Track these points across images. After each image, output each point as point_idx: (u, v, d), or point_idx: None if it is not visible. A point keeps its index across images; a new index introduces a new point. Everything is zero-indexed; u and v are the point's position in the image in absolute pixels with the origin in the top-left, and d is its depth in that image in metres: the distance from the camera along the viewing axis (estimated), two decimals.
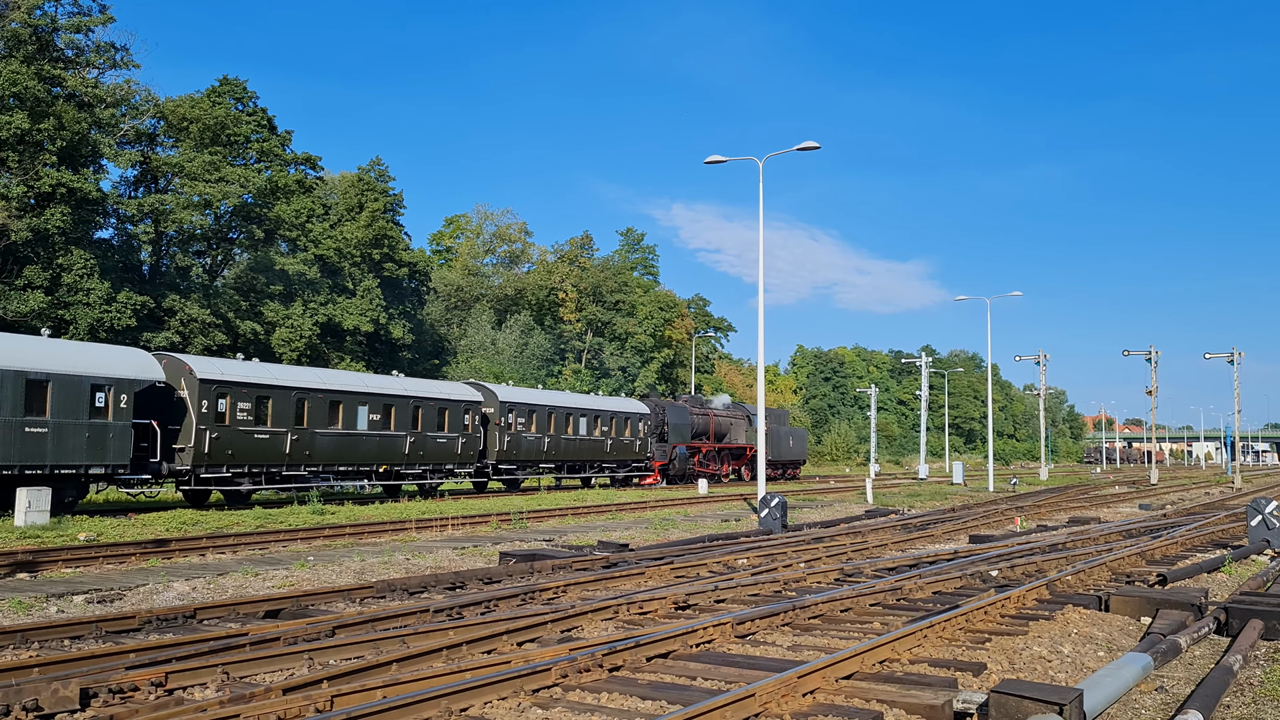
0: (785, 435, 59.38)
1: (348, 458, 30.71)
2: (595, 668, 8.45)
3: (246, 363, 29.68)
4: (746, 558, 17.16)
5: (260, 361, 31.88)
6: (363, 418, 31.01)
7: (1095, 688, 7.71)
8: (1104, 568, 15.17)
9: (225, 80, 54.22)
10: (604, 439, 42.98)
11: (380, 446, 31.67)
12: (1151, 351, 70.54)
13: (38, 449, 22.47)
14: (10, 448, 21.81)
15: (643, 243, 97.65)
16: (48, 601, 12.48)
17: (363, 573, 15.75)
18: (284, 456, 28.52)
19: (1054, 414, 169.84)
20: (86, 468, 23.58)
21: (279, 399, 28.43)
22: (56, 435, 22.85)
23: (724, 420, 54.21)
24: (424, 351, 66.13)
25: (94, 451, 23.64)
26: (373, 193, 63.37)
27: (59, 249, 41.98)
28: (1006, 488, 53.37)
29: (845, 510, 33.05)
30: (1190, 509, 33.02)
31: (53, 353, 23.54)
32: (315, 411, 29.43)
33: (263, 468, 28.05)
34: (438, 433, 33.88)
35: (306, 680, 7.70)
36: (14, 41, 41.55)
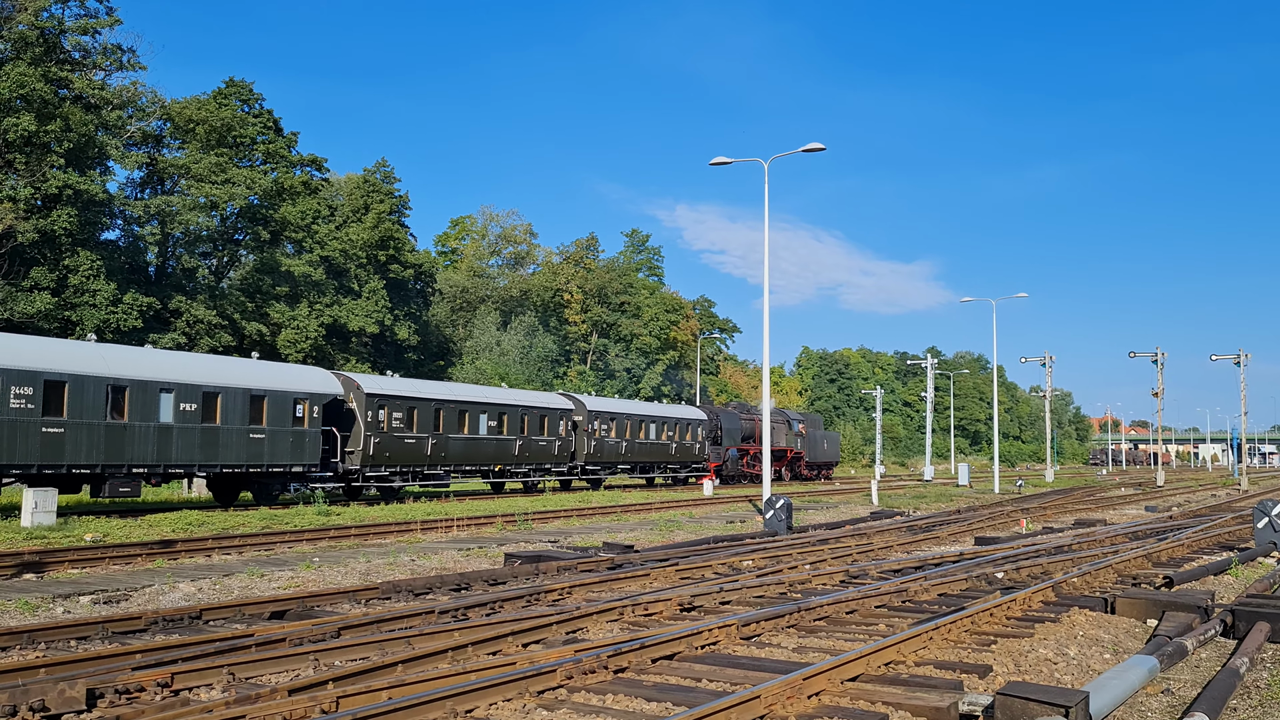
0: (820, 439, 62.76)
1: (472, 458, 35.54)
2: (600, 669, 8.45)
3: (398, 379, 35.28)
4: (752, 559, 17.15)
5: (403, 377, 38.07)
6: (483, 424, 35.92)
7: (1101, 690, 7.69)
8: (1110, 570, 15.14)
9: (231, 82, 54.33)
10: (670, 443, 47.24)
11: (496, 449, 36.53)
12: (1158, 353, 70.41)
13: (258, 451, 27.69)
14: (240, 450, 27.19)
15: (647, 244, 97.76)
16: (54, 602, 12.51)
17: (368, 574, 15.77)
18: (425, 458, 33.30)
19: (1060, 416, 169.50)
20: (290, 466, 28.68)
21: (422, 409, 33.22)
22: (270, 440, 27.95)
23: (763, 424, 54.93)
24: (429, 353, 66.19)
25: (295, 453, 28.75)
26: (378, 194, 63.46)
27: (66, 250, 42.09)
28: (1012, 489, 53.28)
29: (851, 512, 33.02)
30: (1196, 511, 32.94)
31: (267, 373, 29.03)
32: (448, 420, 34.28)
33: (410, 467, 32.90)
34: (539, 437, 38.60)
35: (312, 681, 7.71)
36: (21, 43, 41.68)
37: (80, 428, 23.55)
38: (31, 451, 22.63)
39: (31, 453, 22.64)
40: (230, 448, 26.93)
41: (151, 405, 25.10)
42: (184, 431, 25.76)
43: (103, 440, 24.01)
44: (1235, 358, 66.85)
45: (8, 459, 22.15)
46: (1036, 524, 28.58)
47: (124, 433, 24.44)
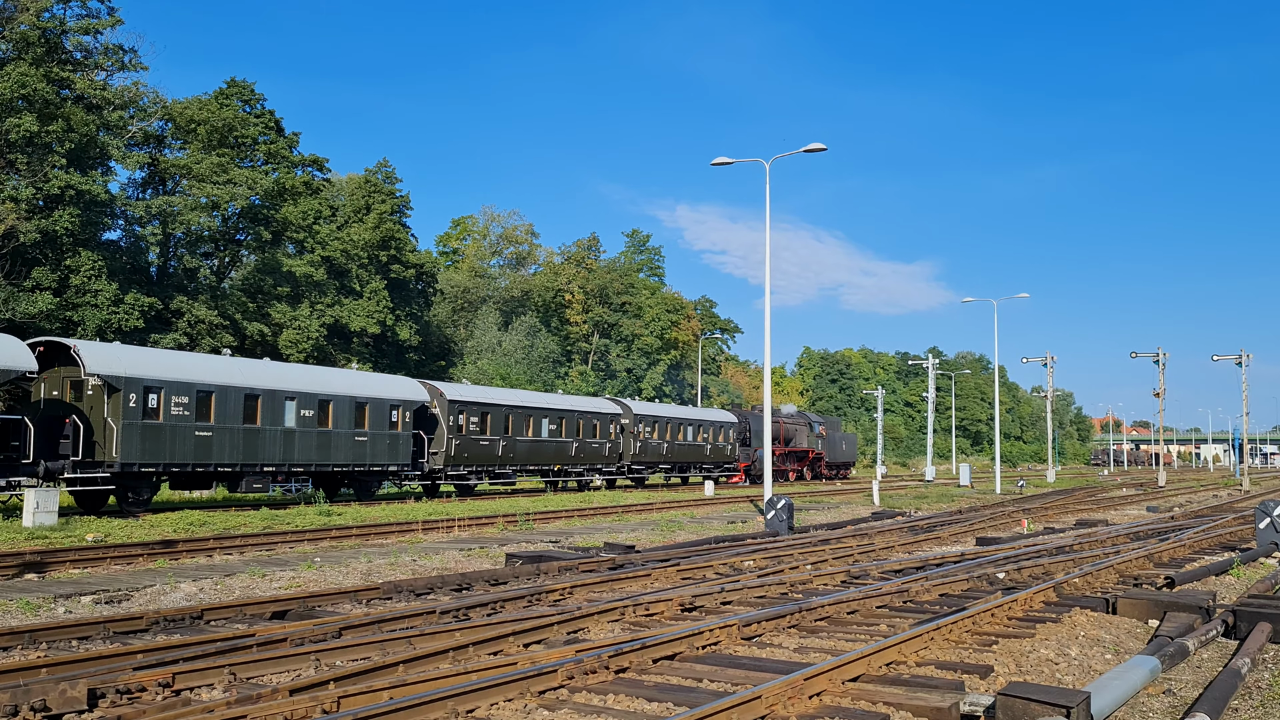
0: (839, 440, 66.32)
1: (535, 459, 39.04)
2: (602, 669, 8.45)
3: (474, 386, 39.50)
4: (753, 559, 17.15)
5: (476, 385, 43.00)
6: (544, 428, 39.32)
7: (1103, 691, 7.69)
8: (1111, 570, 15.13)
9: (233, 82, 54.37)
10: (705, 444, 50.50)
11: (556, 450, 40.06)
12: (1159, 353, 70.39)
13: (361, 452, 31.04)
14: (347, 452, 30.72)
15: (648, 244, 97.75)
16: (56, 602, 12.52)
17: (369, 574, 15.77)
18: (497, 458, 36.87)
19: (1061, 416, 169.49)
20: (386, 466, 32.02)
21: (495, 414, 36.79)
22: (372, 443, 31.30)
23: (790, 427, 60.06)
24: (430, 353, 66.22)
25: (391, 454, 32.07)
26: (379, 194, 63.50)
27: (67, 250, 42.12)
28: (1013, 490, 53.28)
29: (852, 512, 33.01)
30: (1198, 511, 32.92)
31: (368, 383, 32.58)
32: (516, 423, 37.77)
33: (484, 467, 36.46)
34: (592, 440, 42.10)
35: (313, 681, 7.72)
36: (23, 44, 41.71)
37: (225, 432, 26.91)
38: (187, 452, 26.03)
39: (187, 453, 26.04)
40: (340, 449, 30.37)
41: (279, 412, 28.41)
42: (304, 435, 29.13)
43: (241, 443, 27.34)
44: (1237, 358, 66.83)
45: (168, 458, 25.59)
46: (1038, 524, 28.57)
47: (257, 436, 27.84)
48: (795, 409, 67.61)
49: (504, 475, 37.57)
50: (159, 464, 25.41)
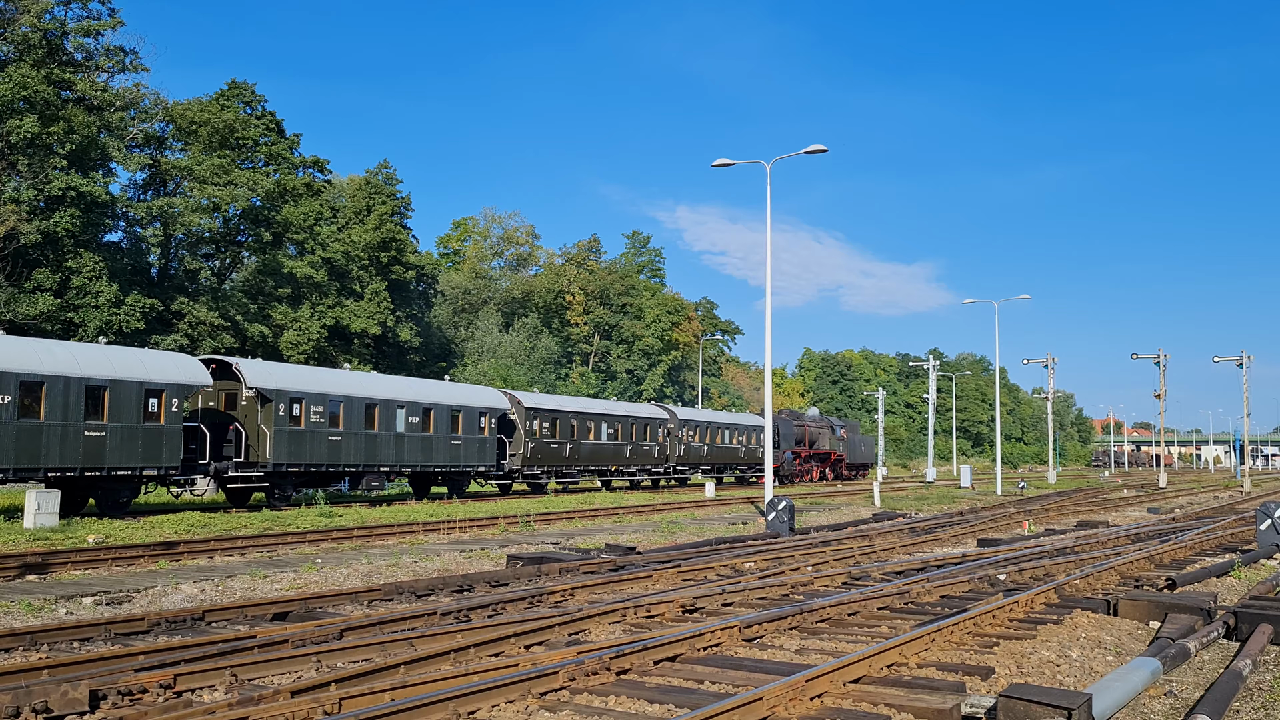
0: (859, 442, 70.47)
1: (595, 460, 42.60)
2: (603, 671, 8.45)
3: (545, 395, 44.59)
4: (754, 561, 17.14)
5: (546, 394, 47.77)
6: (604, 432, 42.99)
7: (1104, 692, 7.69)
8: (1112, 572, 15.13)
9: (234, 84, 54.41)
10: (739, 446, 53.84)
11: (614, 452, 43.76)
12: (1160, 355, 70.38)
13: (456, 454, 34.52)
14: (445, 454, 34.09)
15: (649, 245, 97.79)
16: (57, 603, 12.52)
17: (370, 575, 15.77)
18: (564, 460, 40.52)
19: (1062, 417, 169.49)
20: (475, 466, 35.56)
21: (563, 420, 40.47)
22: (465, 446, 34.75)
23: (814, 430, 63.81)
24: (431, 354, 66.24)
25: (480, 456, 35.67)
26: (380, 196, 63.53)
27: (68, 252, 42.14)
28: (1014, 491, 53.26)
29: (853, 513, 33.00)
30: (1199, 513, 32.91)
31: (461, 392, 36.05)
32: (580, 428, 41.38)
33: (554, 468, 40.22)
34: (644, 442, 45.95)
35: (314, 683, 7.72)
36: (24, 45, 41.76)
37: (351, 436, 30.41)
38: (322, 454, 29.48)
39: (322, 455, 29.49)
40: (439, 452, 33.76)
41: (392, 419, 31.92)
42: (410, 440, 32.65)
43: (363, 446, 30.88)
44: (1238, 359, 66.82)
45: (308, 459, 29.14)
46: (1039, 526, 28.56)
47: (376, 441, 31.36)
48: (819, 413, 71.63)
49: (570, 475, 41.43)
50: (301, 464, 28.97)
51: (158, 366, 25.53)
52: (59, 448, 22.92)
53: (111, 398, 23.94)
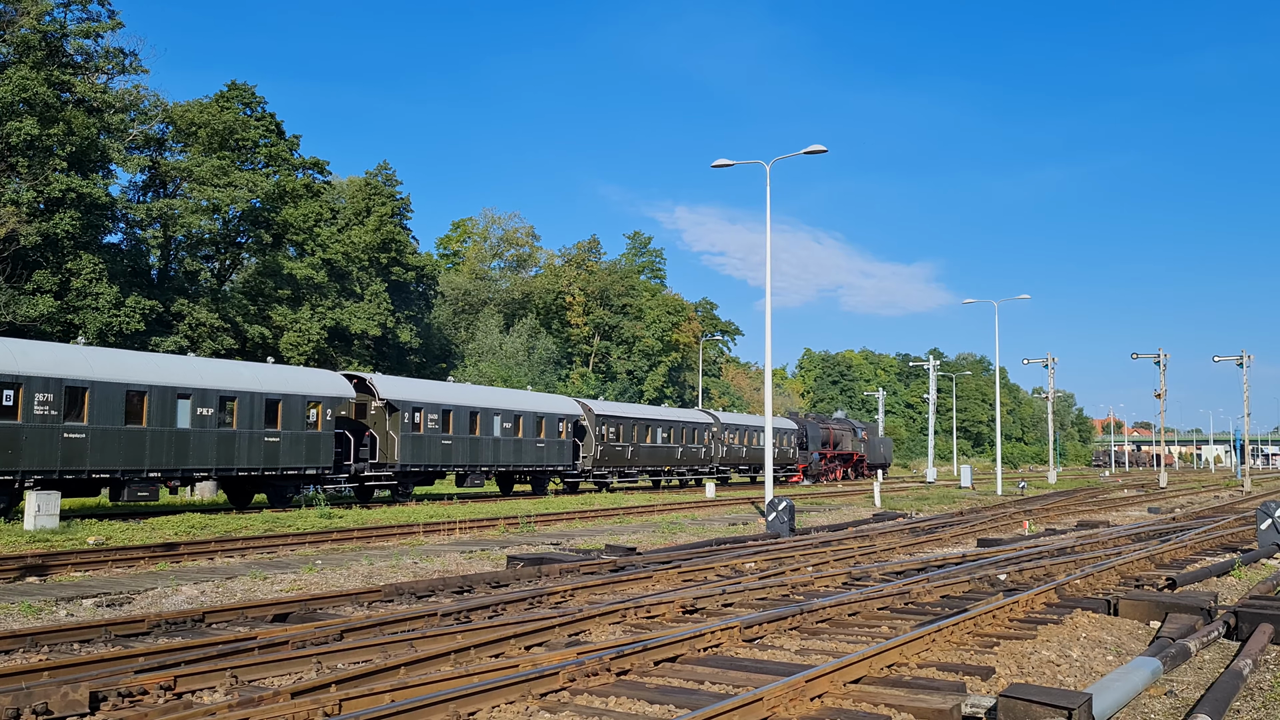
0: (878, 444, 74.99)
1: (652, 461, 46.97)
2: (603, 671, 8.45)
3: (610, 402, 50.53)
4: (754, 561, 17.14)
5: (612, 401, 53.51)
6: (658, 435, 47.45)
7: (1104, 692, 7.69)
8: (1113, 571, 15.12)
9: (233, 85, 54.40)
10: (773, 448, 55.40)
11: (667, 454, 48.10)
12: (1160, 354, 70.37)
13: (540, 456, 39.16)
14: (533, 455, 38.74)
15: (649, 246, 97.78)
16: (57, 605, 12.52)
17: (370, 576, 15.77)
18: (627, 461, 44.99)
19: (1062, 417, 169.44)
20: (554, 466, 40.17)
21: (625, 425, 45.01)
22: (548, 448, 39.49)
23: (838, 432, 67.80)
24: (431, 355, 66.23)
25: (560, 458, 40.23)
26: (380, 197, 63.52)
27: (68, 253, 42.14)
28: (1015, 491, 53.25)
29: (853, 514, 32.99)
30: (1199, 513, 32.90)
31: (545, 401, 40.96)
32: (639, 432, 45.96)
33: (618, 468, 44.47)
34: (691, 444, 50.19)
35: (315, 684, 7.72)
36: (24, 47, 41.76)
37: (459, 440, 35.11)
38: (436, 456, 33.95)
39: (436, 457, 33.96)
40: (527, 453, 38.44)
41: (489, 425, 36.56)
42: (505, 443, 37.19)
43: (468, 449, 35.41)
44: (1238, 359, 66.82)
45: (426, 461, 33.53)
46: (1039, 526, 28.55)
47: (477, 444, 35.86)
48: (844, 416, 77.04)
49: (630, 475, 45.42)
50: (421, 465, 33.38)
51: (315, 382, 30.13)
52: (247, 451, 27.38)
53: (284, 409, 28.34)
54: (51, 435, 22.94)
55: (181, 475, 26.15)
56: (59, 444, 23.07)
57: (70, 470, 23.36)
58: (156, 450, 25.14)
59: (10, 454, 22.04)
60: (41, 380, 22.77)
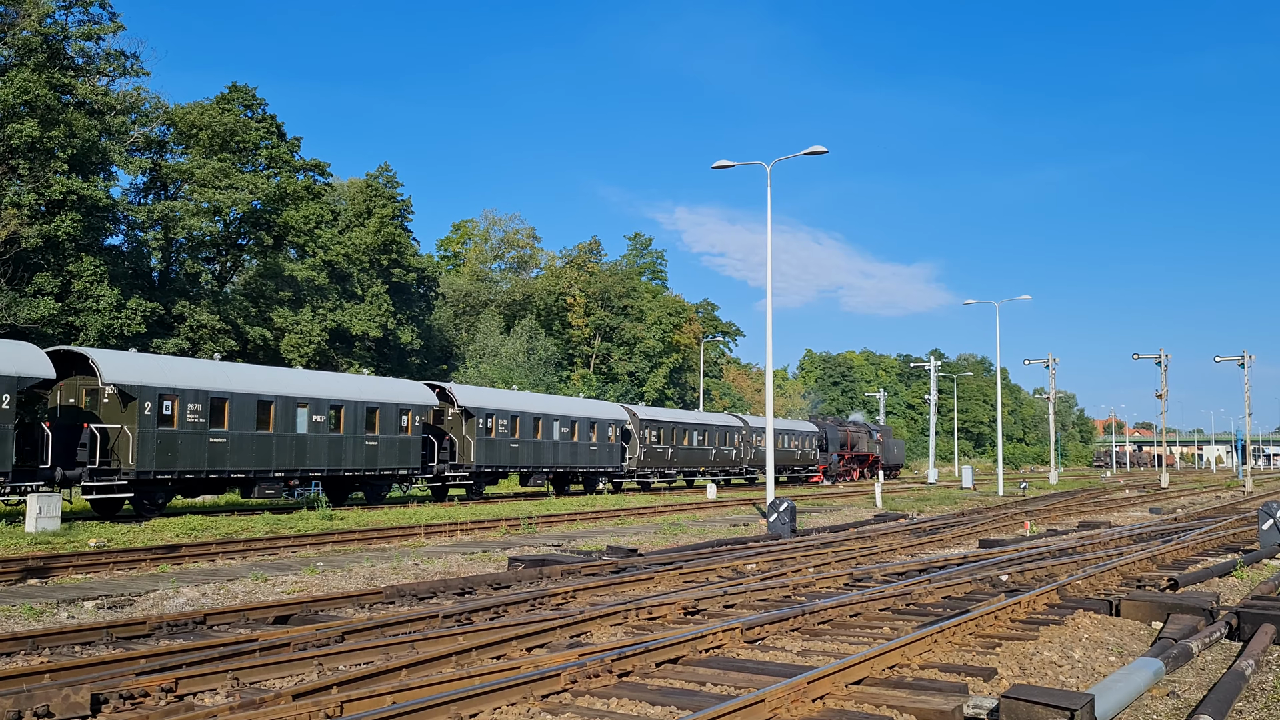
0: (892, 445, 78.78)
1: (689, 463, 50.24)
2: (605, 673, 8.44)
3: (654, 408, 53.36)
4: (755, 563, 17.14)
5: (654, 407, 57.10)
6: (695, 438, 50.79)
7: (1106, 693, 7.68)
8: (1114, 572, 15.11)
9: (234, 87, 54.42)
10: (796, 449, 61.72)
11: (701, 456, 51.27)
12: (1161, 355, 70.36)
13: (593, 458, 42.45)
14: (588, 457, 42.11)
15: (650, 248, 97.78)
16: (59, 607, 12.52)
17: (372, 578, 15.78)
18: (667, 462, 48.47)
19: (1064, 418, 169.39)
20: (605, 467, 43.56)
21: (666, 429, 48.68)
22: (599, 450, 42.92)
23: (855, 434, 71.31)
24: (432, 357, 66.23)
25: (608, 459, 43.54)
26: (381, 198, 63.51)
27: (69, 256, 42.15)
28: (1016, 492, 53.23)
29: (854, 515, 32.98)
30: (1201, 513, 32.88)
31: (595, 408, 44.18)
32: (678, 435, 49.63)
33: (658, 469, 47.75)
34: (724, 447, 53.25)
35: (316, 686, 7.71)
36: (25, 50, 41.77)
37: (524, 443, 38.50)
38: (504, 457, 37.50)
39: (504, 458, 37.52)
40: (582, 455, 41.66)
41: (550, 429, 40.12)
42: (562, 445, 40.62)
43: (531, 451, 38.97)
44: (1239, 359, 66.82)
45: (498, 461, 37.18)
46: (1041, 526, 28.54)
47: (539, 446, 39.62)
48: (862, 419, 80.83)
49: (670, 475, 48.82)
50: (493, 465, 36.75)
51: (405, 392, 33.50)
52: (351, 453, 30.76)
53: (381, 416, 31.69)
54: (200, 440, 26.46)
55: (300, 475, 29.53)
56: (206, 447, 26.61)
57: (215, 470, 26.88)
58: (281, 453, 28.66)
59: (169, 456, 25.67)
60: (193, 392, 26.35)
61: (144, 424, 25.06)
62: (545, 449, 39.68)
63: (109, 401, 25.12)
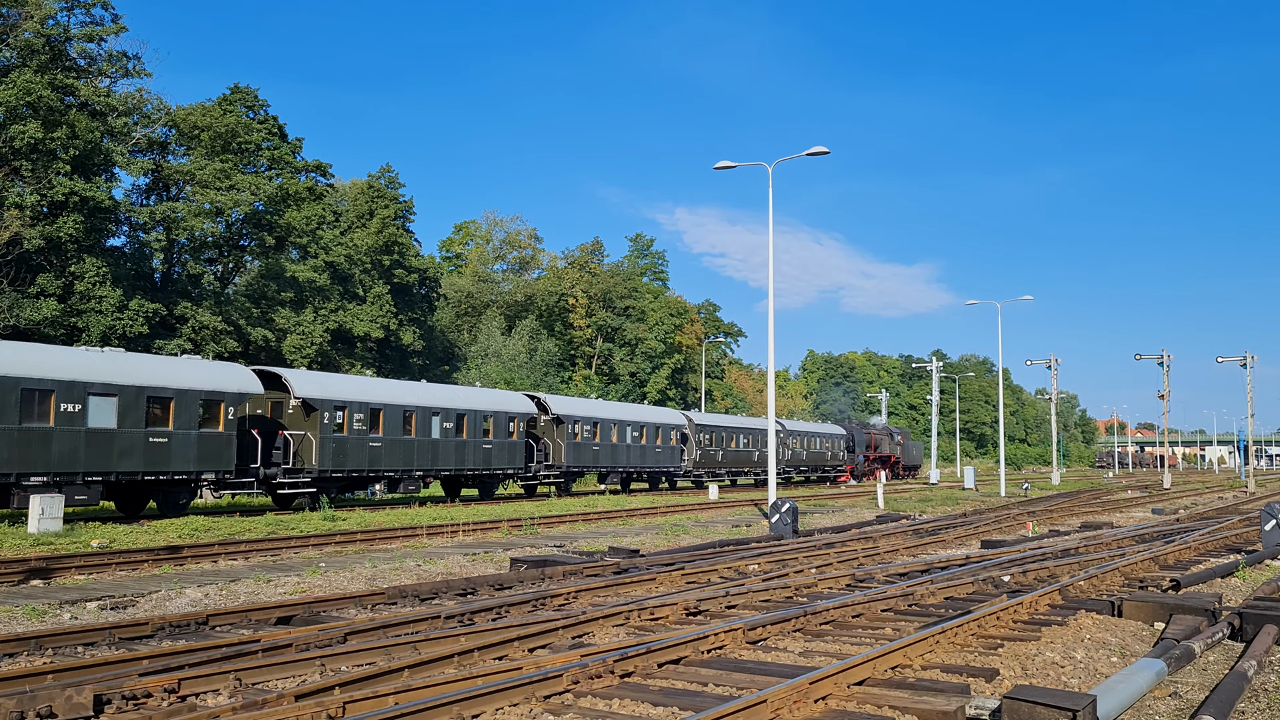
0: (911, 446, 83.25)
1: (735, 464, 55.10)
2: (607, 674, 8.45)
3: (709, 414, 58.42)
4: (758, 563, 17.14)
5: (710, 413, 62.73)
6: (740, 441, 55.73)
7: (1109, 694, 7.68)
8: (1117, 573, 15.11)
9: (236, 88, 54.47)
10: (825, 451, 66.61)
11: (746, 457, 55.96)
12: (1163, 355, 70.34)
13: (658, 459, 47.47)
14: (654, 459, 47.05)
15: (651, 248, 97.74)
16: (61, 608, 12.54)
17: (374, 579, 15.78)
18: (719, 463, 53.07)
19: (1066, 418, 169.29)
20: (666, 468, 48.21)
21: (717, 432, 53.37)
22: (662, 452, 47.66)
23: (878, 437, 75.56)
24: (434, 358, 66.24)
25: (669, 460, 48.37)
26: (383, 199, 63.54)
27: (72, 257, 42.20)
28: (1018, 492, 53.19)
29: (856, 515, 32.97)
30: (1203, 514, 32.86)
31: (658, 414, 49.22)
32: (727, 438, 54.28)
33: (710, 469, 52.39)
34: (763, 448, 56.89)
35: (319, 686, 7.72)
36: (27, 51, 41.83)
37: (605, 446, 43.35)
38: (589, 458, 42.48)
39: (589, 459, 42.48)
40: (649, 457, 46.66)
41: (624, 433, 44.80)
42: (633, 448, 45.44)
43: (610, 453, 43.66)
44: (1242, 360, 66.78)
45: (583, 463, 41.98)
46: (1043, 527, 28.52)
47: (616, 449, 44.12)
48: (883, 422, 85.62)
49: (720, 475, 53.51)
50: (579, 466, 42.00)
51: (513, 402, 38.80)
52: (471, 455, 35.46)
53: (494, 423, 36.58)
54: (362, 444, 31.19)
55: (433, 474, 34.31)
56: (367, 451, 31.29)
57: (373, 470, 31.67)
58: (421, 455, 33.35)
59: (342, 457, 30.54)
60: (358, 404, 31.22)
61: (324, 431, 29.91)
62: (620, 451, 44.62)
63: (293, 412, 29.90)
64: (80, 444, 23.56)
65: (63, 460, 23.26)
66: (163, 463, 25.39)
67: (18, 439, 22.39)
